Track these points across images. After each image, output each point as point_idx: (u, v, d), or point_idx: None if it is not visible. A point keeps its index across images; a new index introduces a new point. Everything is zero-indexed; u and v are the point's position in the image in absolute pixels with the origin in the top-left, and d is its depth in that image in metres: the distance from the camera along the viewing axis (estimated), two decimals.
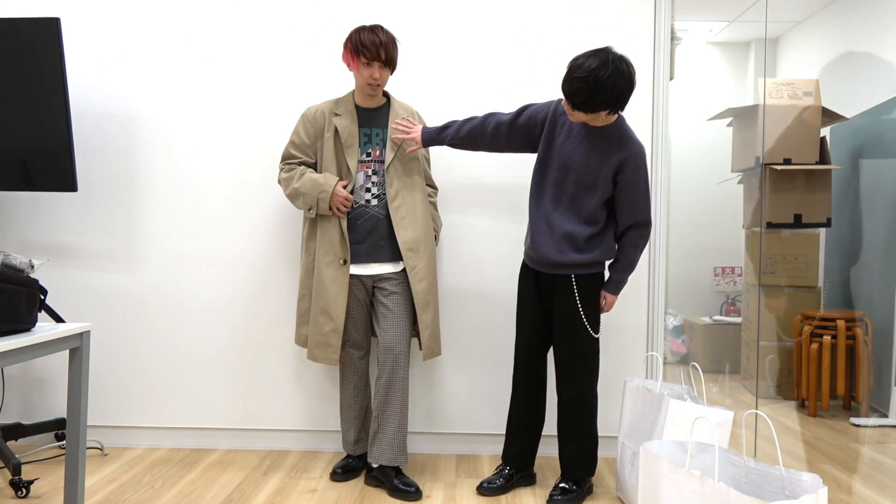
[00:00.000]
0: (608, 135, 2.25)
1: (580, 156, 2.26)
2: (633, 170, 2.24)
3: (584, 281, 2.33)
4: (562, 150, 2.30)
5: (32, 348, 1.77)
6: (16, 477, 2.37)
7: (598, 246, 2.31)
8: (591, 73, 2.06)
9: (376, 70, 2.36)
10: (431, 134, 2.45)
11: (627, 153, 2.24)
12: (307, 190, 2.42)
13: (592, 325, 2.34)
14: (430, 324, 2.49)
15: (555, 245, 2.30)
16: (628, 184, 2.26)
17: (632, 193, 2.27)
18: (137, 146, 2.90)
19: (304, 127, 2.50)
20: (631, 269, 2.37)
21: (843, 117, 3.78)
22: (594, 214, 2.28)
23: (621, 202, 2.29)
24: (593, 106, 2.11)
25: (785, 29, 4.33)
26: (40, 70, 2.61)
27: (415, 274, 2.45)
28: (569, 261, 2.29)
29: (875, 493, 2.49)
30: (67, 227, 2.92)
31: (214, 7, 2.88)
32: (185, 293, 2.90)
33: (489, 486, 2.43)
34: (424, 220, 2.49)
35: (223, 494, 2.41)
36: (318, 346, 2.47)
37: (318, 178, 2.42)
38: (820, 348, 3.52)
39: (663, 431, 2.12)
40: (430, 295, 2.48)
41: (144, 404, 2.93)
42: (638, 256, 2.36)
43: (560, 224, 2.30)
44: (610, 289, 2.39)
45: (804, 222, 3.76)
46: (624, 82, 2.08)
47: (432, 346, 2.51)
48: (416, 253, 2.45)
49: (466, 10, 2.85)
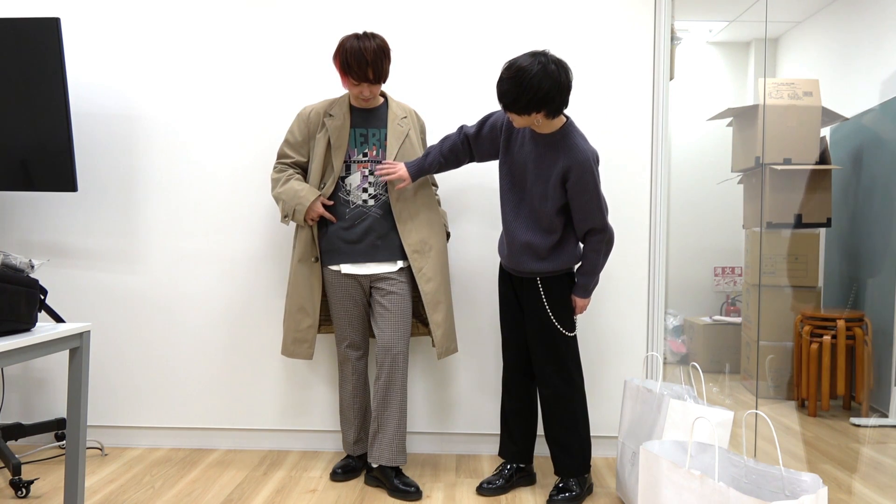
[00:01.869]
0: (553, 142, 2.23)
1: (531, 163, 2.26)
2: (578, 177, 2.19)
3: (549, 282, 2.33)
4: (517, 158, 2.31)
5: (32, 348, 1.77)
6: (16, 477, 2.37)
7: (559, 256, 2.31)
8: (518, 72, 2.06)
9: (365, 89, 2.37)
10: (416, 165, 2.43)
11: (571, 161, 2.19)
12: (287, 198, 2.43)
13: (563, 325, 2.34)
14: (442, 323, 2.48)
15: (516, 253, 2.33)
16: (576, 192, 2.22)
17: (581, 201, 2.23)
18: (137, 146, 2.90)
19: (299, 126, 2.51)
20: (595, 273, 2.33)
21: (843, 117, 3.78)
22: (551, 223, 2.28)
23: (574, 209, 2.26)
24: (521, 107, 2.10)
25: (785, 29, 4.33)
26: (40, 70, 2.61)
27: (422, 275, 2.45)
28: (528, 269, 2.32)
29: (875, 493, 2.49)
30: (67, 227, 2.92)
31: (214, 7, 2.88)
32: (185, 293, 2.90)
33: (489, 486, 2.43)
34: (429, 218, 2.49)
35: (223, 494, 2.41)
36: (294, 342, 2.51)
37: (300, 189, 2.42)
38: (820, 348, 3.52)
39: (663, 431, 2.12)
40: (440, 294, 2.48)
41: (144, 404, 2.93)
42: (602, 260, 2.33)
43: (520, 234, 2.31)
44: (577, 292, 2.36)
45: (804, 222, 3.76)
46: (550, 83, 2.05)
47: (447, 344, 2.51)
48: (421, 254, 2.45)
49: (466, 11, 2.85)
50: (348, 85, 2.39)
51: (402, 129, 2.48)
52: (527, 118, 2.15)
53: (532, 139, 2.27)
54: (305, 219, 2.42)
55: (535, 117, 2.14)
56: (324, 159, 2.45)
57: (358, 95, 2.39)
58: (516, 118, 2.16)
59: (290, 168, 2.53)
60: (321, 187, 2.45)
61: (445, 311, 2.51)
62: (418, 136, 2.56)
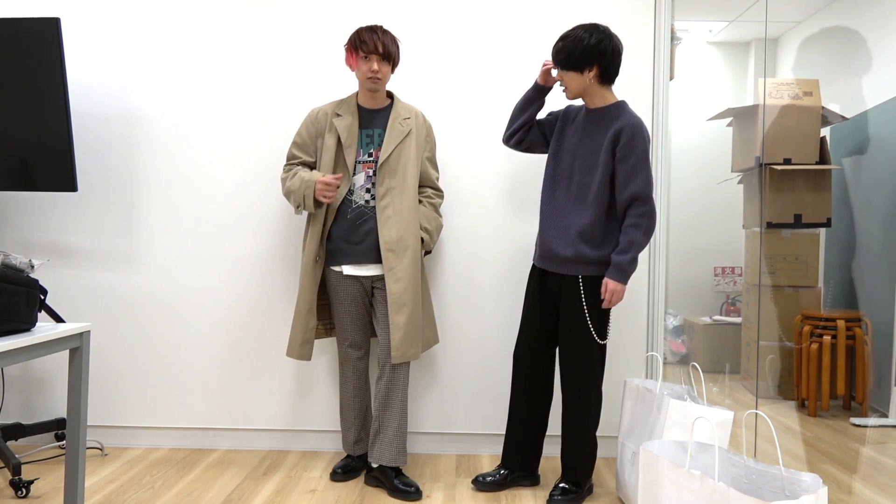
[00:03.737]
0: (607, 113, 2.31)
1: (584, 139, 2.32)
2: (629, 139, 2.21)
3: (591, 283, 2.30)
4: (567, 144, 2.37)
5: (32, 348, 1.77)
6: (16, 477, 2.37)
7: (610, 243, 2.28)
8: (571, 32, 2.25)
9: (374, 63, 2.38)
10: None
11: (625, 123, 2.24)
12: (296, 188, 2.43)
13: (598, 331, 2.31)
14: (403, 325, 2.39)
15: (565, 239, 2.29)
16: (624, 154, 2.22)
17: (627, 165, 2.21)
18: (137, 146, 2.90)
19: (307, 127, 2.53)
20: (631, 249, 2.21)
21: (843, 117, 3.78)
22: (595, 198, 2.25)
23: (619, 175, 2.23)
24: (576, 60, 2.21)
25: (785, 29, 4.33)
26: (40, 70, 2.60)
27: (391, 274, 2.40)
28: (580, 256, 2.26)
29: (875, 493, 2.49)
30: (67, 227, 2.92)
31: (214, 7, 2.88)
32: (185, 293, 2.90)
33: (484, 479, 2.44)
34: (410, 221, 2.46)
35: (223, 494, 2.41)
36: (303, 343, 2.48)
37: (307, 175, 2.43)
38: (820, 348, 3.52)
39: (663, 431, 2.12)
40: (406, 296, 2.40)
41: (144, 404, 2.93)
42: (641, 237, 2.21)
43: (571, 217, 2.30)
44: (611, 274, 2.23)
45: (804, 222, 3.76)
46: (608, 43, 2.21)
47: (403, 349, 2.39)
48: (395, 253, 2.42)
49: (469, 12, 2.85)
50: (358, 63, 2.40)
51: (402, 128, 2.48)
52: (580, 80, 2.25)
53: (583, 119, 2.35)
54: (316, 196, 2.40)
55: (589, 76, 2.24)
56: (334, 160, 2.45)
57: (367, 72, 2.39)
58: (572, 80, 2.25)
59: (295, 167, 2.54)
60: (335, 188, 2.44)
61: (409, 314, 2.41)
62: (421, 138, 2.55)
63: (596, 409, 2.36)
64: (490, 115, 2.86)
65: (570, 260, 2.29)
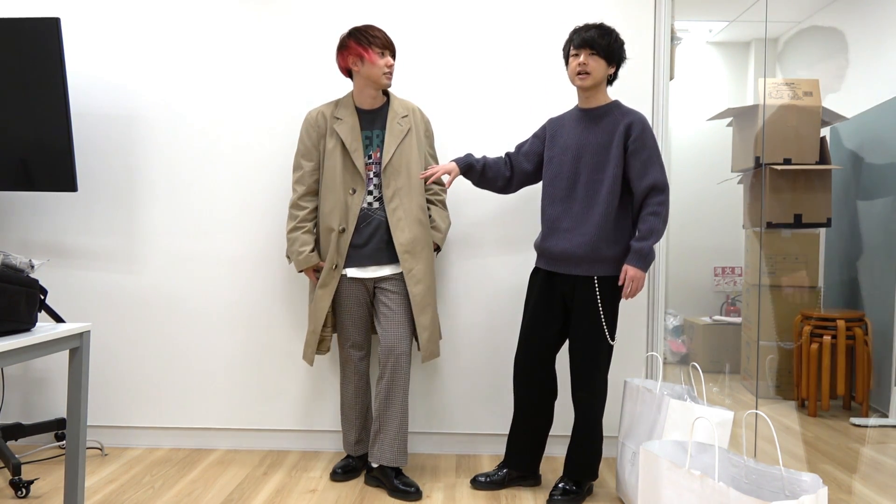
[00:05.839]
0: (607, 110, 2.34)
1: (587, 138, 2.33)
2: (640, 132, 2.27)
3: (606, 283, 2.30)
4: (568, 144, 2.36)
5: (32, 348, 1.77)
6: (16, 477, 2.37)
7: (623, 240, 2.29)
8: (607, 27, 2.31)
9: (389, 58, 2.42)
10: (465, 158, 2.48)
11: (633, 118, 2.30)
12: (291, 252, 2.51)
13: (610, 331, 2.32)
14: (428, 326, 2.48)
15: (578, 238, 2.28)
16: (637, 147, 2.26)
17: (642, 157, 2.26)
18: (137, 146, 2.90)
19: (307, 132, 2.52)
20: (651, 236, 2.22)
21: (843, 117, 3.78)
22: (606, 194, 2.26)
23: (634, 168, 2.27)
24: (612, 52, 2.28)
25: (785, 29, 4.33)
26: (40, 70, 2.61)
27: (412, 276, 2.44)
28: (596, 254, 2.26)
29: (875, 493, 2.49)
30: (67, 227, 2.92)
31: (215, 7, 2.88)
32: (186, 293, 2.90)
33: (483, 478, 2.45)
34: (421, 221, 2.48)
35: (223, 494, 2.41)
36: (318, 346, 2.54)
37: (302, 251, 2.48)
38: (820, 348, 3.52)
39: (663, 431, 2.12)
40: (428, 297, 2.48)
41: (144, 404, 2.93)
42: (660, 225, 2.23)
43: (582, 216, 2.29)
44: (631, 260, 2.22)
45: (804, 222, 3.76)
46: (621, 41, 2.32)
47: (431, 348, 2.50)
48: (412, 255, 2.44)
49: (467, 10, 2.85)
50: (374, 59, 2.38)
51: (401, 128, 2.48)
52: (604, 71, 2.30)
53: (578, 120, 2.37)
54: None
55: (609, 71, 2.32)
56: (343, 167, 2.45)
57: (384, 67, 2.40)
58: (600, 68, 2.28)
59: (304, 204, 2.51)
60: (352, 193, 2.44)
61: (431, 314, 2.50)
62: (421, 134, 2.55)
63: (599, 411, 2.36)
64: (489, 113, 2.86)
65: (586, 259, 2.28)
